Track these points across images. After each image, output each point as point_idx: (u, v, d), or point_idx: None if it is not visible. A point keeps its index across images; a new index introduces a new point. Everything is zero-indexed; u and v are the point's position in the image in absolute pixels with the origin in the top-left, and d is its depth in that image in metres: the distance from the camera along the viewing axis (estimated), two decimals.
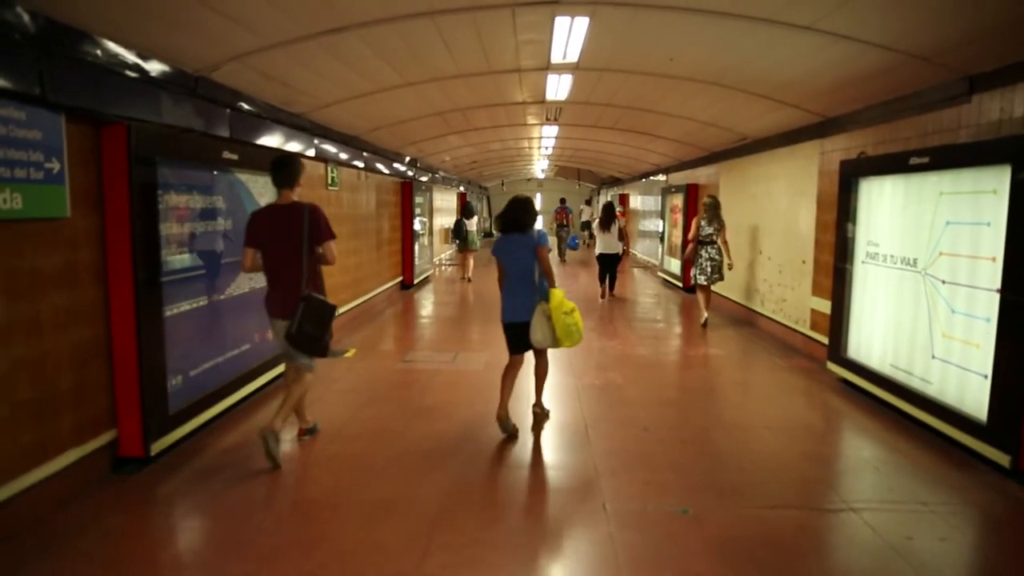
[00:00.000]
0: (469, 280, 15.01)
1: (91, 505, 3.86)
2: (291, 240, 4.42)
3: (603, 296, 12.16)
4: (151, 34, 4.15)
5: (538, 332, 4.86)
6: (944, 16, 4.20)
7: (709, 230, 9.33)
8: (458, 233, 15.21)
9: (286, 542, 3.49)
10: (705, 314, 9.57)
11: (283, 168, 4.52)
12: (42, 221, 3.68)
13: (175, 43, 4.40)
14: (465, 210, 15.26)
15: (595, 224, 12.25)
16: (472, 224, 15.36)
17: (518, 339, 5.04)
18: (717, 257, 9.33)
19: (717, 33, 5.22)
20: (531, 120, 11.03)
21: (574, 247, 22.66)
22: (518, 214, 5.00)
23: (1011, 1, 3.83)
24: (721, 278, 9.46)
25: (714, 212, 9.35)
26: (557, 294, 4.87)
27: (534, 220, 5.09)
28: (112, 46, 3.98)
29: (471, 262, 15.51)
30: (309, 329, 4.44)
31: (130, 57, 4.15)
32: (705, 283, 9.47)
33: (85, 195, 4.02)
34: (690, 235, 9.63)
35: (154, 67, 4.39)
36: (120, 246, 4.17)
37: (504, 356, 5.18)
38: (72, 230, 3.93)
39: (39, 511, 3.66)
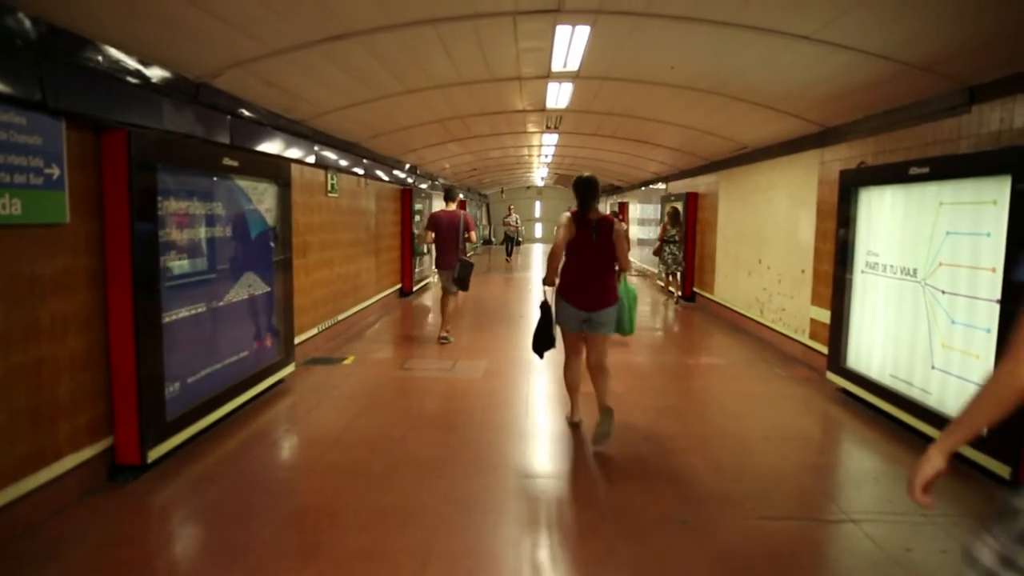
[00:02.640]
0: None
1: (86, 513, 3.84)
2: (454, 229, 8.48)
3: None
4: (152, 40, 4.16)
5: None
6: (944, 26, 4.21)
7: (673, 232, 12.37)
8: None
9: (283, 550, 3.47)
10: (676, 293, 12.80)
11: (450, 191, 8.73)
12: (41, 227, 3.67)
13: (176, 49, 4.41)
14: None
15: None
16: None
17: None
18: (678, 252, 12.43)
19: (718, 42, 5.24)
20: (531, 128, 11.05)
21: None
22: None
23: (1011, 11, 3.84)
24: (679, 268, 12.49)
25: (676, 219, 12.47)
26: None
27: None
28: (113, 52, 3.99)
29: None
30: (464, 275, 8.41)
31: (131, 63, 4.16)
32: (666, 272, 13.04)
33: (85, 201, 4.01)
34: (660, 235, 12.79)
35: (155, 73, 4.40)
36: (119, 252, 4.16)
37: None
38: (71, 236, 3.92)
39: (34, 519, 3.63)
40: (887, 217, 5.82)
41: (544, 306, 5.25)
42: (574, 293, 5.00)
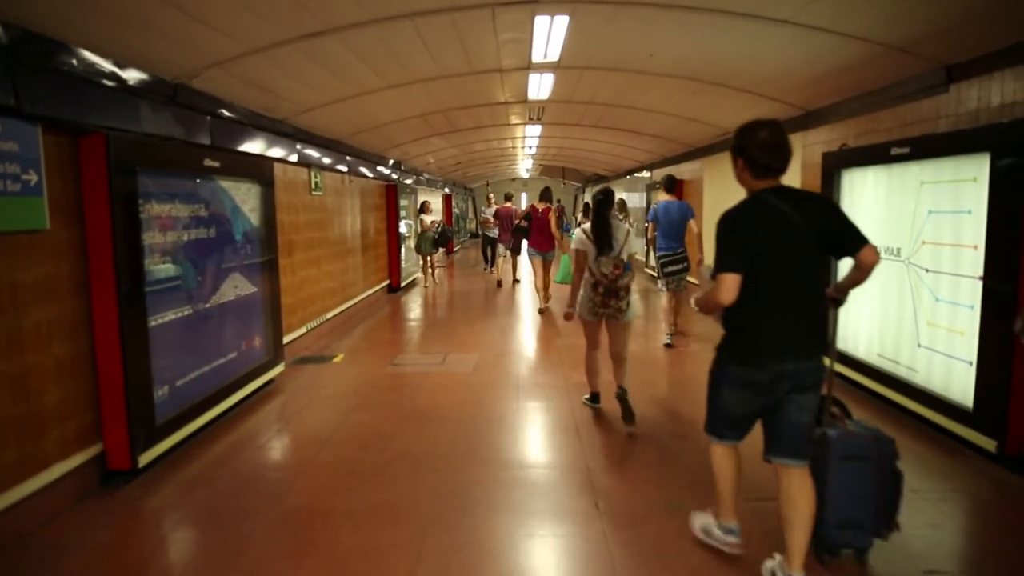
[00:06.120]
0: (427, 286, 14.49)
1: (78, 520, 3.82)
2: (509, 217, 13.42)
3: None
4: (128, 42, 4.11)
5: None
6: (920, 6, 4.23)
7: (620, 216, 14.31)
8: (442, 238, 14.04)
9: (277, 551, 3.47)
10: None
11: (509, 195, 14.53)
12: (21, 234, 3.63)
13: (152, 51, 4.36)
14: (421, 208, 14.24)
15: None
16: (427, 221, 13.92)
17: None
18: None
19: (696, 28, 5.24)
20: (514, 120, 11.03)
21: (567, 230, 24.02)
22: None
23: None
24: None
25: (624, 206, 14.97)
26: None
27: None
28: (88, 55, 3.94)
29: (434, 266, 14.73)
30: (517, 243, 12.78)
31: (107, 66, 4.11)
32: None
33: (65, 206, 3.97)
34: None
35: (132, 75, 4.35)
36: (101, 257, 4.13)
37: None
38: (52, 242, 3.88)
39: (25, 528, 3.61)
40: (870, 198, 5.86)
41: (518, 229, 12.03)
42: (533, 245, 10.79)
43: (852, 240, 2.93)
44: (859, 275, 3.00)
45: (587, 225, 5.11)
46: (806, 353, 2.92)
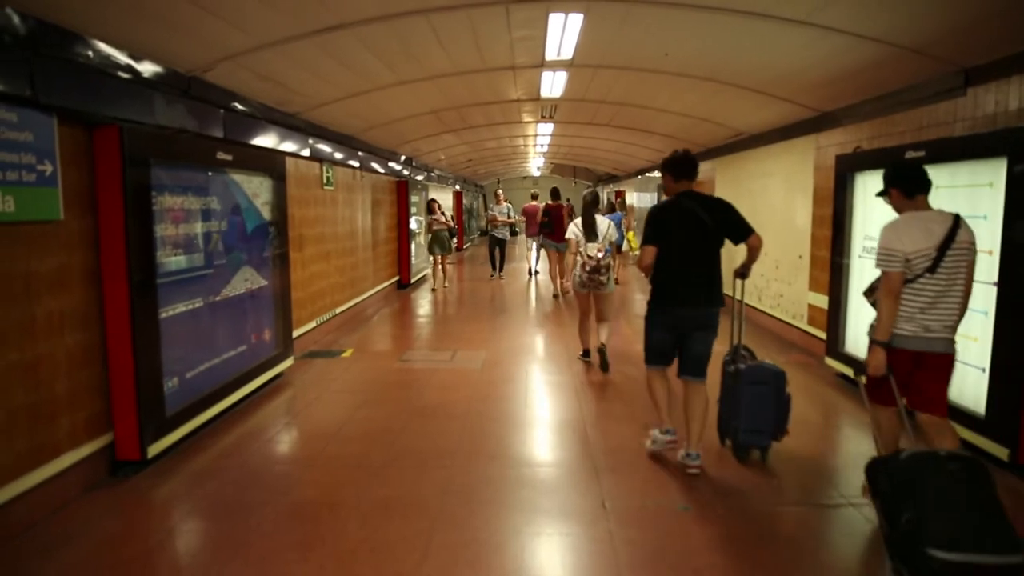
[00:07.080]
0: (434, 289, 13.39)
1: (87, 509, 3.84)
2: (535, 213, 13.60)
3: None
4: (143, 35, 4.13)
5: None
6: (937, 8, 4.19)
7: (619, 213, 15.10)
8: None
9: (284, 544, 3.48)
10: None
11: (534, 195, 15.36)
12: (35, 224, 3.66)
13: (167, 44, 4.38)
14: (429, 208, 13.42)
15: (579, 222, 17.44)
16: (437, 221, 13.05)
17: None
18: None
19: (711, 28, 5.21)
20: (526, 118, 11.01)
21: None
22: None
23: None
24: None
25: (623, 205, 16.21)
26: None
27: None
28: (104, 47, 3.96)
29: (445, 267, 13.57)
30: (546, 233, 11.65)
31: (122, 58, 4.13)
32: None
33: (78, 197, 3.99)
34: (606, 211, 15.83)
35: (146, 68, 4.37)
36: (114, 248, 4.15)
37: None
38: (65, 232, 3.90)
39: (35, 516, 3.64)
40: (883, 202, 5.80)
41: (544, 225, 11.64)
42: (548, 238, 11.45)
43: (742, 231, 4.24)
44: (751, 255, 4.35)
45: (579, 220, 6.77)
46: (698, 303, 4.23)
